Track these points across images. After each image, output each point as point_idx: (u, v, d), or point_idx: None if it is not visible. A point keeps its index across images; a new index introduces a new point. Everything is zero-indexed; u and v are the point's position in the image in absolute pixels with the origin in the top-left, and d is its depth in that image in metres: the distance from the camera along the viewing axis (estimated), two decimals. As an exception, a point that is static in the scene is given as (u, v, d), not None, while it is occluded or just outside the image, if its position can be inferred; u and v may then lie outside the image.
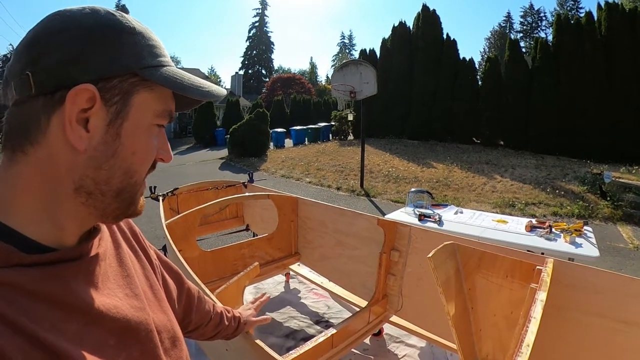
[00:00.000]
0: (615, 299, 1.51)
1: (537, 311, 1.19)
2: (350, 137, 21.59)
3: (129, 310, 0.61)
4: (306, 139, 21.84)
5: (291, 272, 3.55)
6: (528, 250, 2.15)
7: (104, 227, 0.67)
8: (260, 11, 68.08)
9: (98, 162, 0.54)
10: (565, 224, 3.76)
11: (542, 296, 1.29)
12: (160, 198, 3.30)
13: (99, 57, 0.52)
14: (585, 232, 3.59)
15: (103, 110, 0.53)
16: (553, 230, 3.54)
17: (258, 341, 1.32)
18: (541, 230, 3.58)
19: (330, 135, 22.76)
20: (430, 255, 1.52)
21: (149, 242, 0.89)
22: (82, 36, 0.52)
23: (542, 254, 1.83)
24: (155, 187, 3.43)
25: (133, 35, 0.56)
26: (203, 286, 1.57)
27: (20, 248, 0.49)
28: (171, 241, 2.24)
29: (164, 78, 0.57)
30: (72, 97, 0.50)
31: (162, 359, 0.64)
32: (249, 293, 3.28)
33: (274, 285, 3.57)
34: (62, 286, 0.52)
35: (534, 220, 3.85)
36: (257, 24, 67.72)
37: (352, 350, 2.48)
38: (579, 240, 3.40)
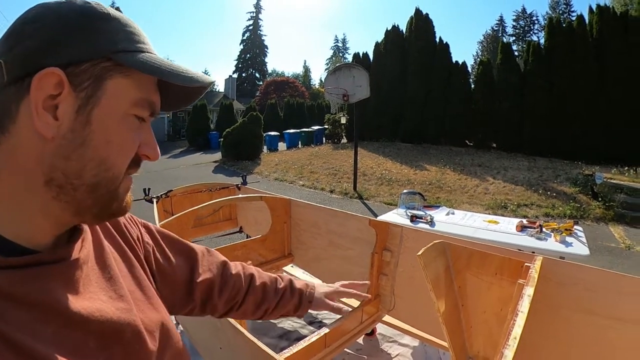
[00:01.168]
0: (606, 296, 1.52)
1: (524, 305, 1.21)
2: (344, 140, 21.65)
3: (114, 312, 0.59)
4: (299, 142, 21.86)
5: (284, 274, 3.56)
6: (518, 249, 2.18)
7: (86, 229, 0.65)
8: (254, 15, 68.22)
9: (66, 152, 0.51)
10: (555, 223, 3.80)
11: (529, 291, 1.31)
12: (154, 200, 3.31)
13: (70, 42, 0.51)
14: (576, 231, 3.63)
15: (72, 96, 0.51)
16: (543, 229, 3.58)
17: (252, 338, 1.31)
18: (532, 230, 3.62)
19: (324, 138, 22.80)
20: (419, 253, 1.53)
21: (147, 223, 0.87)
22: (54, 24, 0.51)
23: (533, 252, 1.85)
24: (149, 189, 3.44)
25: (107, 21, 0.54)
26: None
27: None
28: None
29: (140, 62, 0.54)
30: (37, 81, 0.48)
31: (151, 358, 0.63)
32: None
33: (267, 287, 3.57)
34: (40, 289, 0.50)
35: (524, 221, 3.89)
36: (251, 28, 67.84)
37: (346, 350, 2.49)
38: (569, 239, 3.44)
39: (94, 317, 0.55)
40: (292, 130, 22.22)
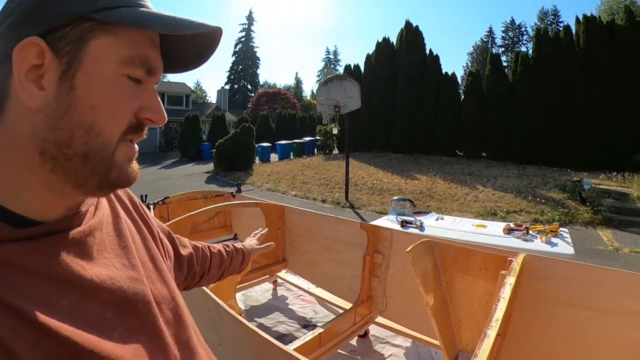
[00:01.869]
0: (587, 289, 1.60)
1: (505, 292, 1.29)
2: (335, 151, 21.71)
3: (125, 281, 0.59)
4: (291, 153, 21.89)
5: (279, 280, 3.61)
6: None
7: (101, 198, 0.66)
8: (246, 26, 68.32)
9: (53, 121, 0.49)
10: (542, 226, 3.89)
11: (510, 280, 1.39)
12: (151, 206, 3.36)
13: (48, 9, 0.49)
14: (562, 232, 3.71)
15: (55, 64, 0.49)
16: (530, 232, 3.65)
17: (254, 328, 1.35)
18: (518, 232, 3.70)
19: (315, 149, 22.84)
20: (408, 249, 1.61)
21: (151, 214, 0.88)
22: None
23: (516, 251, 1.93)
24: (146, 196, 3.49)
25: None
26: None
27: (8, 222, 0.48)
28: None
29: (123, 16, 0.51)
30: (17, 53, 0.47)
31: (163, 330, 0.62)
32: (237, 300, 3.33)
33: (262, 292, 3.63)
34: (53, 259, 0.50)
35: (511, 224, 3.97)
36: (243, 39, 67.92)
37: (340, 351, 2.54)
38: (554, 240, 3.52)
39: (106, 285, 0.55)
40: (284, 142, 22.26)
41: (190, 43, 0.60)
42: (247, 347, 1.42)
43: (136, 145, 0.59)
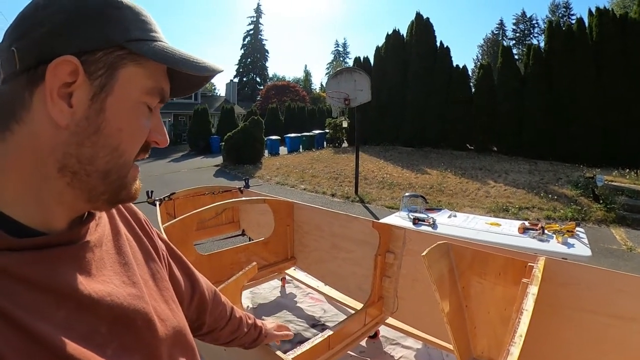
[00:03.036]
0: (607, 295, 1.53)
1: (529, 304, 1.22)
2: (345, 144, 21.68)
3: (125, 298, 0.59)
4: (300, 146, 21.89)
5: (287, 277, 3.56)
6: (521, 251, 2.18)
7: (102, 214, 0.66)
8: (254, 19, 68.31)
9: (80, 139, 0.52)
10: (557, 225, 3.80)
11: (533, 290, 1.32)
12: (157, 203, 3.31)
13: (83, 30, 0.51)
14: (578, 232, 3.62)
15: (86, 84, 0.51)
16: (545, 231, 3.57)
17: None
18: (534, 231, 3.62)
19: (325, 142, 22.83)
20: (424, 253, 1.54)
21: (162, 235, 0.88)
22: (66, 10, 0.50)
23: (536, 254, 1.86)
24: (152, 192, 3.44)
25: (120, 9, 0.54)
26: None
27: (8, 231, 0.48)
28: (171, 244, 2.25)
29: (153, 51, 0.55)
30: (52, 69, 0.49)
31: (160, 349, 0.63)
32: (245, 298, 3.29)
33: (270, 290, 3.57)
34: (52, 271, 0.50)
35: (526, 222, 3.89)
36: (251, 32, 67.95)
37: (349, 352, 2.49)
38: (571, 240, 3.43)
39: (104, 301, 0.55)
40: (293, 135, 22.26)
41: (190, 76, 0.62)
42: (252, 353, 1.37)
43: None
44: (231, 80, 45.24)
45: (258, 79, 66.83)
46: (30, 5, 0.52)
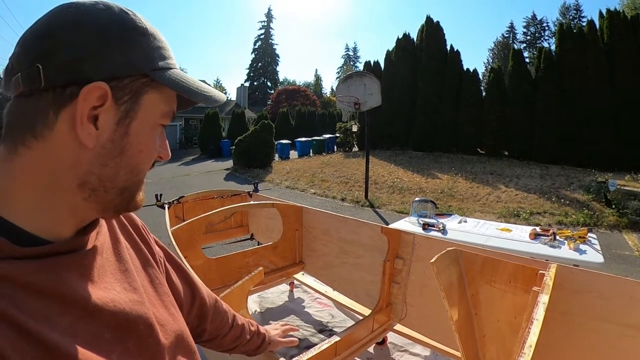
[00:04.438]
0: (621, 304, 1.49)
1: (539, 313, 1.19)
2: (355, 148, 21.67)
3: (127, 303, 0.60)
4: (311, 150, 21.90)
5: (295, 282, 3.55)
6: (532, 257, 2.15)
7: (102, 221, 0.67)
8: (265, 24, 68.77)
9: (104, 160, 0.55)
10: (569, 231, 3.74)
11: (544, 299, 1.29)
12: (166, 206, 3.32)
13: (113, 55, 0.53)
14: (590, 239, 3.57)
15: (113, 109, 0.54)
16: (557, 237, 3.52)
17: None
18: (545, 237, 3.57)
19: (335, 146, 22.82)
20: (433, 260, 1.52)
21: (159, 241, 0.89)
22: (96, 33, 0.52)
23: (547, 260, 1.82)
24: (161, 195, 3.45)
25: (145, 36, 0.57)
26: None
27: (14, 240, 0.49)
28: (177, 248, 2.25)
29: (173, 81, 0.58)
30: (85, 94, 0.50)
31: (162, 353, 0.64)
32: (253, 302, 3.28)
33: (278, 294, 3.56)
34: (56, 279, 0.51)
35: (537, 228, 3.84)
36: (262, 36, 68.36)
37: (356, 358, 2.47)
38: (583, 247, 3.38)
39: (107, 307, 0.56)
40: (303, 139, 22.28)
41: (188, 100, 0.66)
42: (257, 359, 1.36)
43: None
44: (242, 85, 45.45)
45: (269, 83, 67.17)
46: (56, 20, 0.52)
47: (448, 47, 19.38)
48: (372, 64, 21.46)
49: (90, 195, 0.55)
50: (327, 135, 23.89)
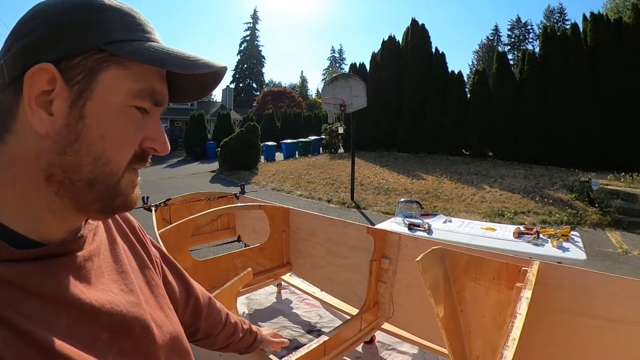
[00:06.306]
0: (604, 299, 1.52)
1: (522, 308, 1.22)
2: (341, 150, 21.69)
3: (124, 305, 0.60)
4: (297, 152, 21.88)
5: (283, 283, 3.55)
6: (516, 255, 2.18)
7: (99, 223, 0.66)
8: (251, 25, 68.65)
9: (62, 147, 0.51)
10: (552, 229, 3.80)
11: (527, 294, 1.32)
12: (153, 209, 3.31)
13: (67, 37, 0.50)
14: (573, 236, 3.62)
15: (65, 91, 0.50)
16: (540, 235, 3.57)
17: None
18: (529, 236, 3.61)
19: (321, 148, 22.82)
20: (418, 259, 1.54)
21: (155, 242, 0.89)
22: (50, 19, 0.50)
23: (531, 258, 1.86)
24: (147, 198, 3.44)
25: (102, 11, 0.52)
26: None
27: (10, 243, 0.48)
28: (164, 250, 2.24)
29: (133, 51, 0.52)
30: (28, 78, 0.48)
31: (157, 354, 0.63)
32: (241, 304, 3.28)
33: (265, 295, 3.56)
34: (53, 281, 0.51)
35: (521, 227, 3.88)
36: (248, 38, 68.16)
37: (345, 358, 2.48)
38: (566, 244, 3.43)
39: (104, 309, 0.56)
40: (289, 140, 22.26)
41: (195, 77, 0.60)
42: (247, 358, 1.37)
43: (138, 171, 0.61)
44: (227, 86, 45.30)
45: (254, 85, 67.02)
46: (20, 19, 0.53)
47: (433, 50, 19.49)
48: (357, 65, 21.50)
49: (59, 189, 0.52)
50: (313, 137, 23.87)
